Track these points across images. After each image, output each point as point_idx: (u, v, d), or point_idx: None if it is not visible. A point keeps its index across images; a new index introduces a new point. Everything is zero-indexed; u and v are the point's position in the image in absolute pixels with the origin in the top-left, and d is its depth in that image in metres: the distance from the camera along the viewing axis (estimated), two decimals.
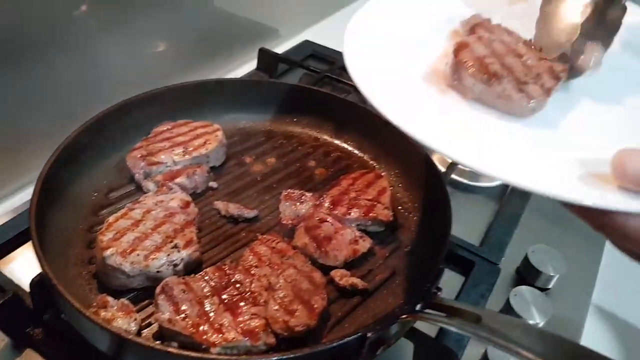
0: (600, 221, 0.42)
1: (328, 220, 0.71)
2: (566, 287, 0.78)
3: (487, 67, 0.52)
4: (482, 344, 0.67)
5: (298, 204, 0.73)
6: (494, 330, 0.49)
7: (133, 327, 0.55)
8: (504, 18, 0.62)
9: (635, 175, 0.41)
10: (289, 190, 0.76)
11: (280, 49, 1.32)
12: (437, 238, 0.67)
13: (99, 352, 0.59)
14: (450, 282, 0.77)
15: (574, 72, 0.56)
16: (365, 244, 0.70)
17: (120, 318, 0.55)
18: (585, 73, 0.56)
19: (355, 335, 0.51)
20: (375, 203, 0.74)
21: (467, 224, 0.86)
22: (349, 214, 0.72)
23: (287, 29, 1.40)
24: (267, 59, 1.18)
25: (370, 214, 0.72)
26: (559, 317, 0.72)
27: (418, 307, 0.55)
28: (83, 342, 0.61)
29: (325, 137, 0.91)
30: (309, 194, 0.75)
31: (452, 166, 0.93)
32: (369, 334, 0.51)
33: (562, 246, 0.83)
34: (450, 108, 0.51)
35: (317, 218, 0.71)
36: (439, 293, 0.60)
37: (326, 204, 0.73)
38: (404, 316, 0.54)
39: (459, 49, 0.55)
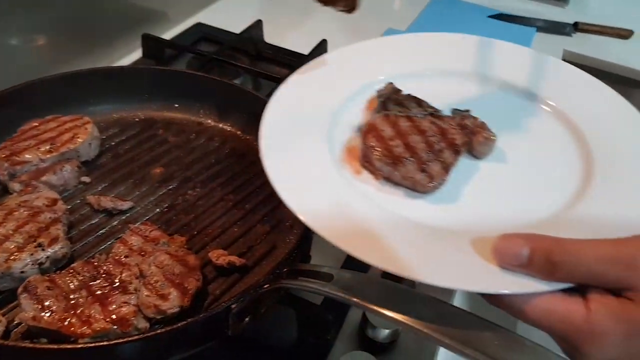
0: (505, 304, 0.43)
1: None
2: None
3: (392, 151, 0.56)
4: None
5: None
6: (346, 287, 0.51)
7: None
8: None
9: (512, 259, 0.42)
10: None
11: (170, 33, 1.29)
12: None
13: None
14: None
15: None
16: None
17: None
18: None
19: (215, 312, 0.53)
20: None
21: None
22: None
23: (176, 12, 1.36)
24: (152, 45, 1.15)
25: None
26: None
27: (282, 275, 0.58)
28: None
29: (209, 121, 0.91)
30: None
31: None
32: (233, 306, 0.54)
33: None
34: (357, 194, 0.53)
35: None
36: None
37: None
38: (266, 286, 0.56)
39: (367, 132, 0.58)
